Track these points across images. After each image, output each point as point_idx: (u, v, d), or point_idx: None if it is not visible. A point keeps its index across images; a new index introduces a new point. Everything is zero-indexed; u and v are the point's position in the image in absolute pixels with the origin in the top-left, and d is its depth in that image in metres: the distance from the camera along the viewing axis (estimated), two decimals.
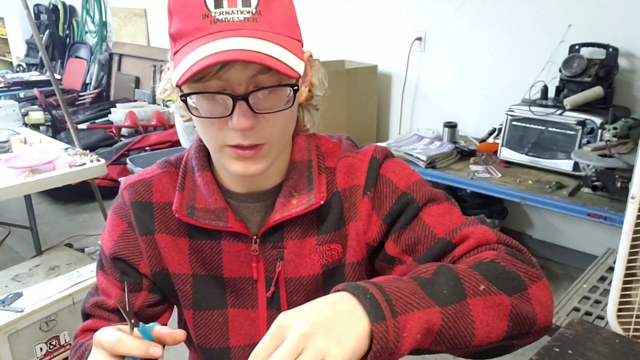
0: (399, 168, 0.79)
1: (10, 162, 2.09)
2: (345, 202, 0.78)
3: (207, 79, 0.62)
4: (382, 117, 3.37)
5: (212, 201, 0.76)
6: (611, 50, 2.27)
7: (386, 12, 3.18)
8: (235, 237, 0.77)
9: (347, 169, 0.79)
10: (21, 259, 2.83)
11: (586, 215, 1.98)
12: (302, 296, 0.79)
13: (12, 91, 4.78)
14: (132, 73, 5.24)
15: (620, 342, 0.85)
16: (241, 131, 0.65)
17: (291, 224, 0.77)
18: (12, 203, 3.35)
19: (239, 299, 0.80)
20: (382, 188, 0.77)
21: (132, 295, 0.81)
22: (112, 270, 0.82)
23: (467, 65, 2.91)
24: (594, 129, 2.14)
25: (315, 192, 0.76)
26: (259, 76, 0.64)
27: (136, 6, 5.12)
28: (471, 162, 2.46)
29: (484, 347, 0.60)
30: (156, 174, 0.81)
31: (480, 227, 0.72)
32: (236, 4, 0.63)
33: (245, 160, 0.68)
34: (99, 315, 0.82)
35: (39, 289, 2.05)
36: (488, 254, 0.67)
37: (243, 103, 0.64)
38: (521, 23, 2.64)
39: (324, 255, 0.78)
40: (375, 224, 0.77)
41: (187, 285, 0.80)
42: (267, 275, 0.79)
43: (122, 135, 4.22)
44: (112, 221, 0.82)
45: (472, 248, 0.70)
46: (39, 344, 1.96)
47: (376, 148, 0.80)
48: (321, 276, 0.78)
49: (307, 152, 0.79)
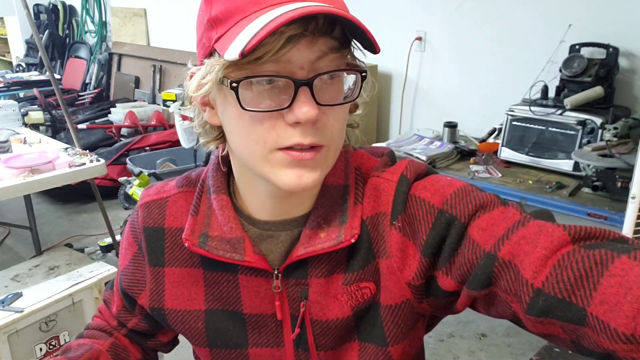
0: (431, 182, 0.63)
1: (10, 162, 2.09)
2: (373, 232, 0.64)
3: (263, 61, 0.51)
4: (382, 117, 3.36)
5: (227, 229, 0.65)
6: (611, 50, 2.26)
7: (386, 12, 3.17)
8: (254, 272, 0.67)
9: (372, 192, 0.65)
10: (21, 259, 2.83)
11: (586, 215, 1.98)
12: (332, 339, 0.67)
13: (11, 91, 4.77)
14: (131, 73, 5.23)
15: None
16: (303, 126, 0.53)
17: (317, 261, 0.64)
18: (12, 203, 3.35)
19: (262, 337, 0.70)
20: (413, 212, 0.62)
21: (126, 314, 0.80)
22: (118, 282, 0.79)
23: (467, 65, 2.90)
24: (594, 128, 2.14)
25: (347, 225, 0.62)
26: (322, 60, 0.53)
27: (136, 6, 5.12)
28: (471, 162, 2.45)
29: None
30: (172, 195, 0.72)
31: (533, 224, 0.54)
32: None
33: (301, 167, 0.55)
34: (102, 311, 0.85)
35: (38, 289, 2.04)
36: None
37: (307, 90, 0.52)
38: (521, 23, 2.63)
39: (353, 296, 0.65)
40: (414, 258, 0.61)
41: (199, 322, 0.71)
42: (292, 313, 0.68)
43: (122, 135, 4.22)
44: (127, 237, 0.75)
45: (542, 261, 0.51)
46: (38, 344, 1.96)
47: (409, 164, 0.65)
48: (352, 318, 0.66)
49: (344, 176, 0.65)
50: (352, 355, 0.68)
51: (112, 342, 0.81)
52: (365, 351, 0.67)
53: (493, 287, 0.55)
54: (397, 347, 0.66)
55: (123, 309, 0.80)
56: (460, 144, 2.62)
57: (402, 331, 0.65)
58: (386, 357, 0.66)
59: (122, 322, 0.81)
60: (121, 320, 0.81)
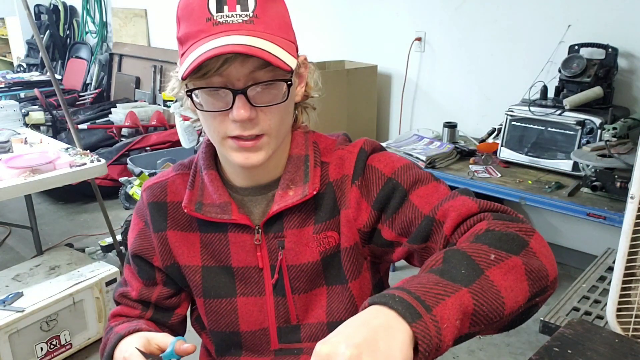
0: (384, 157, 0.84)
1: (11, 162, 2.10)
2: (338, 191, 0.83)
3: (209, 75, 0.70)
4: (382, 117, 3.37)
5: (217, 196, 0.83)
6: (610, 51, 2.27)
7: (386, 12, 3.18)
8: (240, 229, 0.84)
9: (338, 161, 0.85)
10: (22, 258, 2.84)
11: (585, 215, 1.99)
12: (304, 282, 0.85)
13: (12, 91, 4.78)
14: (132, 73, 5.24)
15: (620, 341, 0.86)
16: (241, 123, 0.72)
17: (290, 214, 0.83)
18: (13, 203, 3.35)
19: (247, 287, 0.87)
20: (369, 176, 0.83)
21: (148, 289, 0.92)
22: (134, 265, 0.92)
23: (467, 65, 2.91)
24: (593, 129, 2.14)
25: (309, 183, 0.82)
26: (257, 72, 0.71)
27: (136, 6, 5.13)
28: (471, 162, 2.46)
29: (515, 314, 0.61)
30: (171, 177, 0.90)
31: (459, 198, 0.75)
32: (235, 9, 0.70)
33: (246, 151, 0.75)
34: (124, 303, 0.94)
35: (39, 289, 2.05)
36: (481, 226, 0.69)
37: (242, 96, 0.71)
38: (521, 23, 2.64)
39: (321, 242, 0.83)
40: (365, 211, 0.82)
41: (197, 275, 0.88)
42: (272, 264, 0.85)
43: (123, 136, 4.22)
44: (133, 220, 0.92)
45: (457, 222, 0.72)
46: (39, 344, 1.97)
47: (366, 141, 0.86)
48: (320, 263, 0.84)
49: (304, 148, 0.85)
50: (321, 299, 0.86)
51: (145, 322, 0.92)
52: (332, 292, 0.86)
53: (429, 242, 0.76)
54: (354, 282, 0.85)
55: (144, 287, 0.92)
56: (460, 144, 2.62)
57: (356, 268, 0.85)
58: (348, 293, 0.85)
59: (146, 299, 0.92)
60: (144, 298, 0.92)
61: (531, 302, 0.62)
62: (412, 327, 0.51)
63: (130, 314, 0.93)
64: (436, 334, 0.52)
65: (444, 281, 0.57)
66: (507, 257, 0.62)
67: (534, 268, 0.62)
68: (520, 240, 0.65)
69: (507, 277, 0.59)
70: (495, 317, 0.58)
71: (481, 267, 0.59)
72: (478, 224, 0.70)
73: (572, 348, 0.84)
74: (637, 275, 1.17)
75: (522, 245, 0.65)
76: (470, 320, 0.56)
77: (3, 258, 2.95)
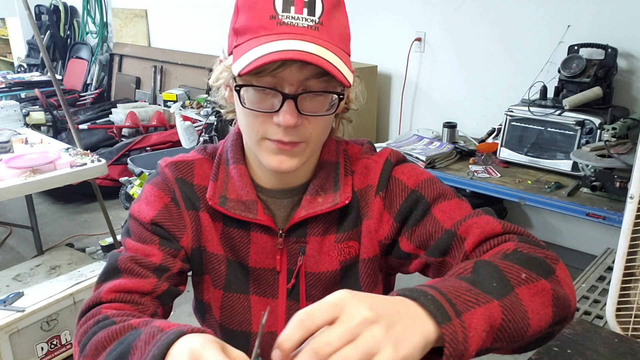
0: (408, 169, 0.83)
1: (12, 162, 2.10)
2: (361, 201, 0.82)
3: (263, 75, 0.67)
4: (382, 117, 3.37)
5: (244, 193, 0.80)
6: (610, 51, 2.27)
7: (386, 12, 3.18)
8: (263, 230, 0.81)
9: (363, 170, 0.83)
10: (22, 258, 2.84)
11: (585, 215, 1.99)
12: (320, 290, 0.83)
13: (13, 91, 4.79)
14: (132, 74, 5.24)
15: (619, 341, 0.86)
16: (285, 128, 0.69)
17: (315, 221, 0.81)
18: (13, 203, 3.36)
19: (260, 288, 0.84)
20: (392, 188, 0.81)
21: (170, 260, 0.79)
22: (150, 236, 0.79)
23: (467, 65, 2.91)
24: (592, 129, 2.15)
25: (340, 192, 0.80)
26: (310, 80, 0.68)
27: (137, 7, 5.13)
28: (470, 162, 2.46)
29: (534, 337, 0.59)
30: (198, 158, 0.84)
31: (484, 217, 0.74)
32: (302, 12, 0.68)
33: (282, 154, 0.72)
34: (133, 271, 0.76)
35: (40, 289, 2.05)
36: (508, 245, 0.67)
37: (292, 102, 0.68)
38: (521, 23, 2.64)
39: (342, 252, 0.82)
40: (387, 223, 0.80)
41: (222, 266, 0.84)
42: (289, 268, 0.83)
43: (123, 136, 4.23)
44: (154, 193, 0.81)
45: (480, 239, 0.71)
46: (40, 344, 1.97)
47: (391, 152, 0.85)
48: (339, 272, 0.83)
49: (335, 155, 0.84)
50: None
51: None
52: None
53: (447, 256, 0.74)
54: None
55: (168, 255, 0.79)
56: (460, 144, 2.63)
57: (372, 281, 0.83)
58: None
59: (169, 266, 0.79)
60: (167, 265, 0.79)
61: (550, 329, 0.61)
62: (442, 329, 0.49)
63: (140, 286, 0.75)
64: (463, 341, 0.50)
65: (475, 289, 0.55)
66: (537, 279, 0.61)
67: (560, 295, 0.62)
68: (548, 266, 0.64)
69: (534, 299, 0.59)
70: (517, 336, 0.56)
71: (512, 283, 0.58)
72: (505, 244, 0.69)
73: (571, 348, 0.84)
74: (637, 275, 1.18)
75: (549, 272, 0.64)
76: (495, 334, 0.54)
77: (4, 258, 2.95)
